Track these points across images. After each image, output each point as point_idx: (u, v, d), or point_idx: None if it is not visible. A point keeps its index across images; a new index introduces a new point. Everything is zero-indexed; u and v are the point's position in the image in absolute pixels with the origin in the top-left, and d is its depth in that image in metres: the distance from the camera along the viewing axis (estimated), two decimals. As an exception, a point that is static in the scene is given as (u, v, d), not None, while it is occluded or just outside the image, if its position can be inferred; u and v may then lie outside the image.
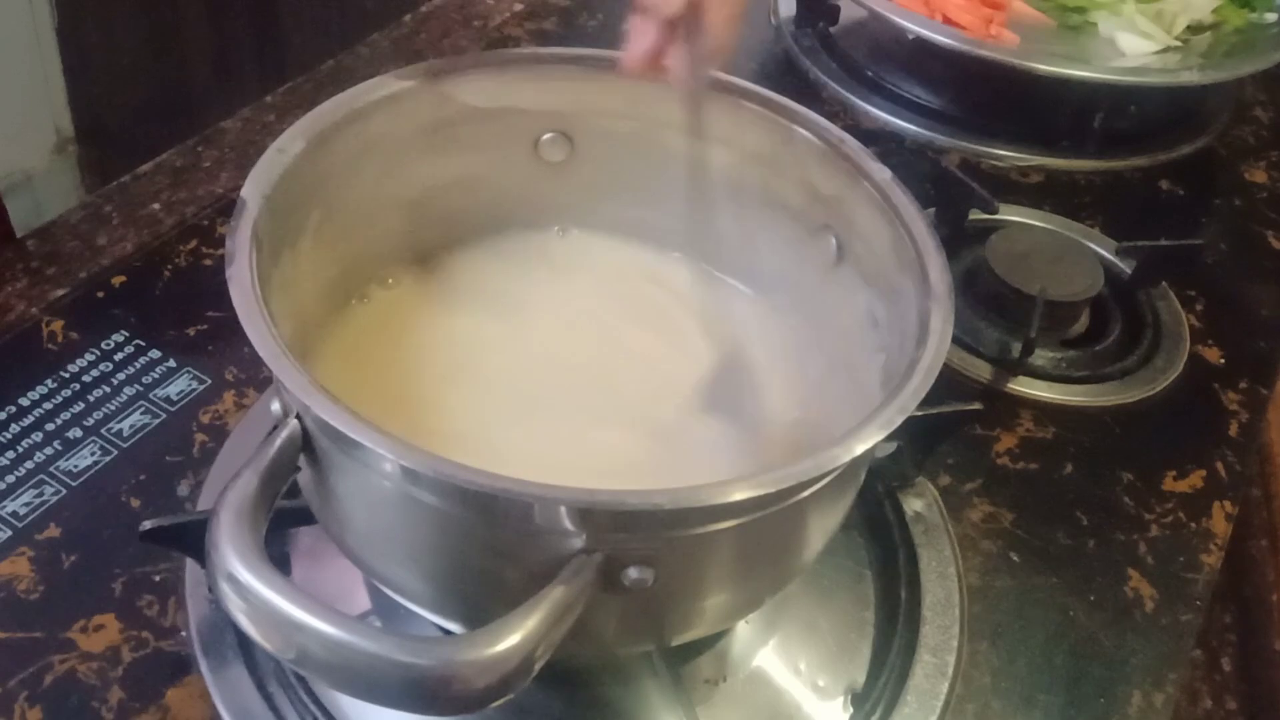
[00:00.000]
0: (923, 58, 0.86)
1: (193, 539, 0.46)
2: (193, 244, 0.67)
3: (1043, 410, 0.64)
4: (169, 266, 0.65)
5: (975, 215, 0.71)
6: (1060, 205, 0.79)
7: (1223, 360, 0.69)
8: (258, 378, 0.59)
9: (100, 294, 0.63)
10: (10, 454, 0.55)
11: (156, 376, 0.59)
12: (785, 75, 0.90)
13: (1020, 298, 0.66)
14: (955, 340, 0.65)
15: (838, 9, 0.92)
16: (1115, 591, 0.55)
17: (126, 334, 0.61)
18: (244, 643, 0.47)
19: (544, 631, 0.33)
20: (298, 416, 0.37)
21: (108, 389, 0.58)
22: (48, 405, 0.57)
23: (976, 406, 0.56)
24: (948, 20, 0.85)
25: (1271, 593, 0.83)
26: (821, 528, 0.42)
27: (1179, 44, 0.88)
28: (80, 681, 0.47)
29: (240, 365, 0.60)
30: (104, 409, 0.57)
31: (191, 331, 0.62)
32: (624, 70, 0.46)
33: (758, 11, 0.97)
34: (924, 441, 0.56)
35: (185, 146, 0.75)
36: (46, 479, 0.54)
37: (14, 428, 0.56)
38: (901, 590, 0.53)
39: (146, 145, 0.77)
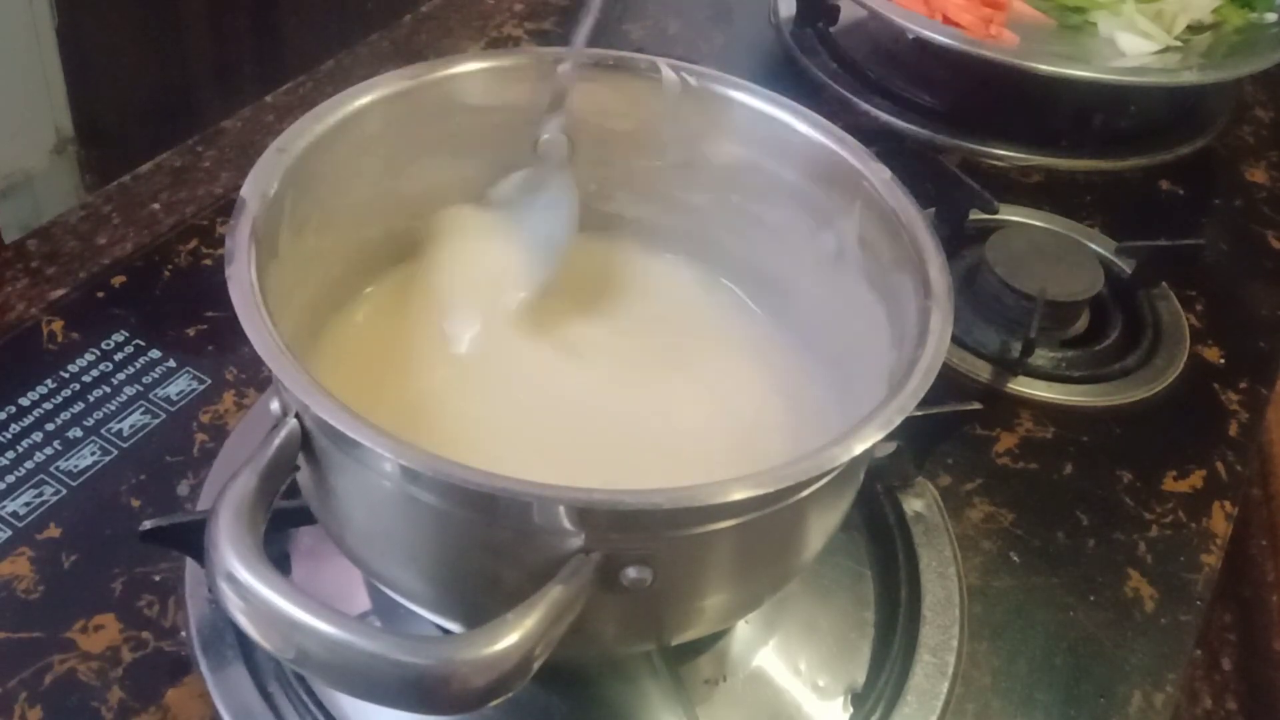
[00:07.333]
0: (923, 58, 0.86)
1: (193, 539, 0.46)
2: (193, 244, 0.67)
3: (1043, 410, 0.64)
4: (169, 266, 0.65)
5: (975, 215, 0.71)
6: (1060, 205, 0.79)
7: (1223, 360, 0.69)
8: (258, 378, 0.59)
9: (100, 294, 0.63)
10: (10, 454, 0.55)
11: (156, 376, 0.59)
12: (785, 75, 0.90)
13: (1020, 298, 0.66)
14: (955, 340, 0.65)
15: (838, 9, 0.92)
16: (1115, 591, 0.55)
17: (126, 334, 0.61)
18: (244, 643, 0.47)
19: (543, 631, 0.33)
20: (297, 416, 0.37)
21: (108, 389, 0.58)
22: (48, 405, 0.57)
23: (976, 406, 0.56)
24: (948, 20, 0.85)
25: (1271, 593, 0.83)
26: (821, 528, 0.42)
27: (1179, 44, 0.87)
28: (80, 681, 0.47)
29: (240, 365, 0.60)
30: (104, 409, 0.57)
31: (191, 331, 0.62)
32: None
33: (758, 11, 0.97)
34: (924, 441, 0.56)
35: (185, 146, 0.75)
36: (46, 479, 0.54)
37: (14, 428, 0.56)
38: (901, 590, 0.53)
39: (146, 145, 0.76)
